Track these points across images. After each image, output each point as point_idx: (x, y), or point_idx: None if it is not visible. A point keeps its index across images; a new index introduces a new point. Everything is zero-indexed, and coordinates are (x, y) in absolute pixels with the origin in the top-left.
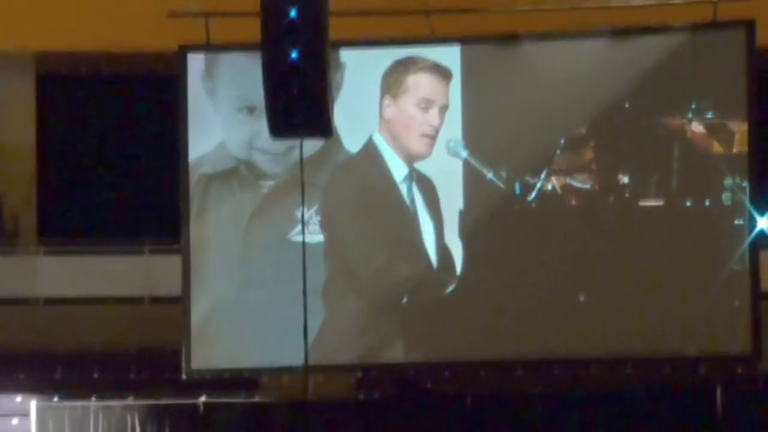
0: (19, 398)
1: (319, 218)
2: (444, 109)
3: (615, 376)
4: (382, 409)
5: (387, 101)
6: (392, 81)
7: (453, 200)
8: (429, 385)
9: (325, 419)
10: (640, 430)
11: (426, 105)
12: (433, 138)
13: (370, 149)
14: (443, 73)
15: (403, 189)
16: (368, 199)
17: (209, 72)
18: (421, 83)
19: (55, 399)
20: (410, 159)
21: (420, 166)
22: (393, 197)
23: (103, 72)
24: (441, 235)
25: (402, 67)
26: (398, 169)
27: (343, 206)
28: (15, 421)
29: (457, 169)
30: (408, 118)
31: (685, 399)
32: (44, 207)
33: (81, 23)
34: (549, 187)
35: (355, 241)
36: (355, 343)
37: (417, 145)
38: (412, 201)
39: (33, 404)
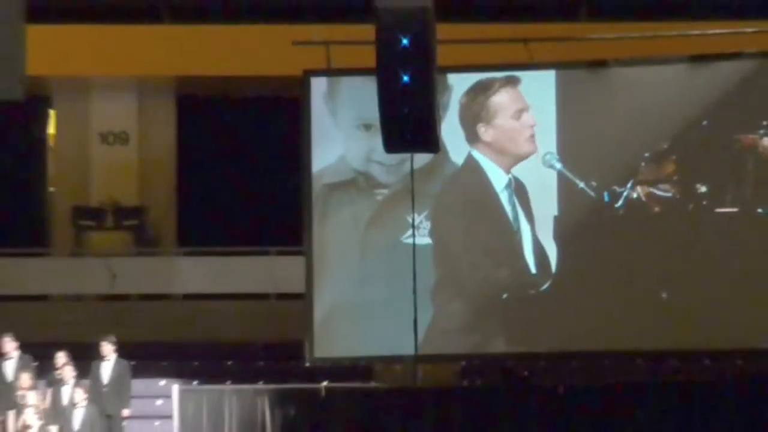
0: (162, 382)
1: (429, 224)
2: (528, 107)
3: (694, 368)
4: (484, 395)
5: (482, 127)
6: (477, 108)
7: (548, 207)
8: (527, 374)
9: (432, 404)
10: (718, 418)
11: (518, 113)
12: (534, 136)
13: (471, 163)
14: (514, 81)
15: (503, 197)
16: (472, 210)
17: (331, 93)
18: (505, 100)
19: (194, 383)
20: (515, 161)
21: (518, 172)
22: (494, 207)
23: (235, 94)
24: (536, 236)
25: (481, 95)
26: (498, 179)
27: (450, 217)
28: (159, 402)
29: (551, 179)
30: (511, 132)
31: (759, 389)
32: (183, 214)
33: (216, 51)
34: (635, 195)
35: (460, 249)
36: (461, 340)
37: (525, 147)
38: (512, 207)
39: (175, 388)
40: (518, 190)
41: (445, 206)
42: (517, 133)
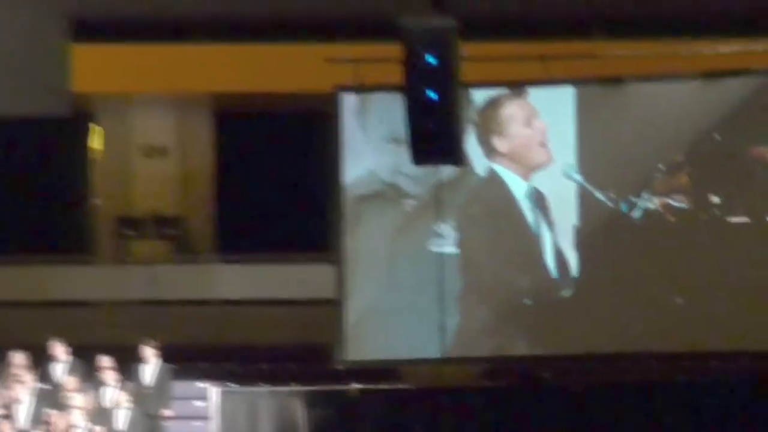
0: (200, 384)
1: (454, 233)
2: (537, 114)
3: (704, 368)
4: (506, 395)
5: (496, 140)
6: (490, 123)
7: (568, 217)
8: (547, 375)
9: (457, 404)
10: (729, 415)
11: (528, 120)
12: (545, 144)
13: (492, 176)
14: (519, 93)
15: (525, 207)
16: (495, 220)
17: (361, 109)
18: (515, 110)
19: (231, 385)
20: (532, 171)
21: (537, 182)
22: (516, 217)
23: (270, 109)
24: (557, 244)
25: (491, 110)
26: (519, 189)
27: (474, 227)
28: (198, 403)
29: (571, 190)
30: (524, 139)
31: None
32: (221, 224)
33: (251, 68)
34: (651, 206)
35: (484, 258)
36: (484, 343)
37: (537, 154)
38: (534, 216)
39: (214, 390)
40: (539, 200)
41: (470, 217)
42: (529, 140)
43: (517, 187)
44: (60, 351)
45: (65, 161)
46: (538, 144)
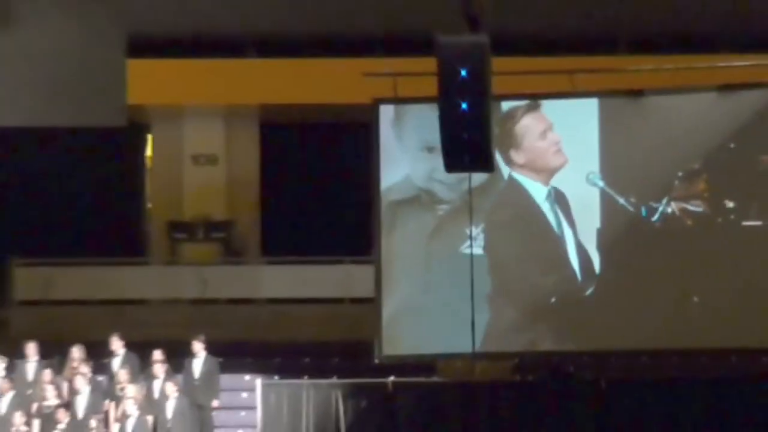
0: (247, 377)
1: (483, 236)
2: (551, 126)
3: (721, 364)
4: (534, 389)
5: (513, 153)
6: (507, 136)
7: (591, 221)
8: (572, 370)
9: (488, 396)
10: (743, 408)
11: (543, 134)
12: (560, 149)
13: (512, 183)
14: (534, 106)
15: (546, 208)
16: (519, 224)
17: (397, 119)
18: (530, 124)
19: (275, 378)
20: (551, 174)
21: (557, 184)
22: (539, 219)
23: (312, 120)
24: (580, 245)
25: (508, 123)
26: (539, 193)
27: (500, 231)
28: (244, 395)
29: (594, 196)
30: (540, 151)
31: None
32: (266, 227)
33: (295, 81)
34: (669, 210)
35: (511, 259)
36: (514, 339)
37: (554, 159)
38: (555, 216)
39: (258, 382)
40: (559, 200)
41: (496, 221)
42: (544, 151)
43: (538, 192)
44: (117, 345)
45: (121, 168)
46: (552, 154)
